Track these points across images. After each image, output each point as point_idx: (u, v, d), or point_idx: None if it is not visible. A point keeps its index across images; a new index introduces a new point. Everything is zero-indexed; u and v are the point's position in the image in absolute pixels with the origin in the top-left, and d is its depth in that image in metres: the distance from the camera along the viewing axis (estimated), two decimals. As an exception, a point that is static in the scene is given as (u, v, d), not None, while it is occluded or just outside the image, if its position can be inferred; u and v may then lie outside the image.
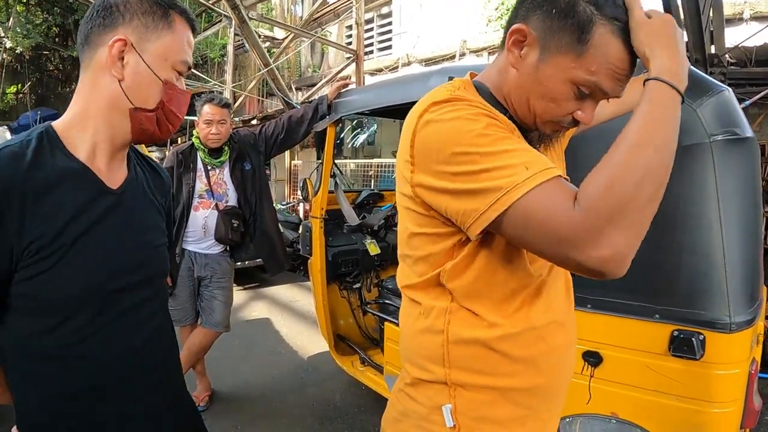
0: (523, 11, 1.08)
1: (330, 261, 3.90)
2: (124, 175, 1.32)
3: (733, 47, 4.54)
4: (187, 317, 3.74)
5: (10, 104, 19.02)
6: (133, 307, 1.29)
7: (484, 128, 0.97)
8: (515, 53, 1.09)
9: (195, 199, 3.55)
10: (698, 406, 1.83)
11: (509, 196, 0.91)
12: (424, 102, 1.07)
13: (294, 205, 10.54)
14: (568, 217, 0.88)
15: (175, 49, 1.24)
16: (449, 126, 0.99)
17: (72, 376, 1.22)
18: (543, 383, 1.17)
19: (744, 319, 1.79)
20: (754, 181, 1.96)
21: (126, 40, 1.18)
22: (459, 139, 0.97)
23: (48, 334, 1.18)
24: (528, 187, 0.90)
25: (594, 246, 0.87)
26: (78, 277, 1.17)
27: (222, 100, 3.56)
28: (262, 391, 4.22)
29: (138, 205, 1.34)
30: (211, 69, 16.72)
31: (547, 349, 1.16)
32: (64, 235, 1.14)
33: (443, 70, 2.99)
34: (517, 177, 0.91)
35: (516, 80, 1.10)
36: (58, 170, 1.16)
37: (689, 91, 0.92)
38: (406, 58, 11.06)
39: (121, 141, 1.27)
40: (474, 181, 0.95)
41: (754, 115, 5.65)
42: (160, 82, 1.22)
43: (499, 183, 0.92)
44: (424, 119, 1.03)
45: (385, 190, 4.79)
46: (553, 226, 0.90)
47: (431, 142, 1.02)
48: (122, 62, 1.19)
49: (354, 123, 12.28)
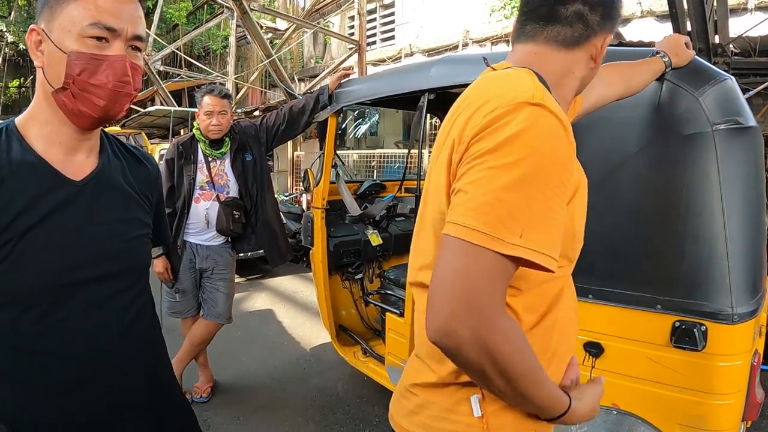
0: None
1: (332, 252, 3.89)
2: (93, 166, 1.30)
3: (737, 37, 4.50)
4: (189, 309, 3.74)
5: (13, 98, 19.10)
6: (104, 299, 1.28)
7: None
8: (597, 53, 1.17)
9: (196, 190, 3.54)
10: (700, 398, 1.82)
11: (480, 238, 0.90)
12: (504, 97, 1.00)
13: (297, 196, 10.54)
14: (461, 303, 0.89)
15: (78, 15, 1.14)
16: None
17: (44, 369, 1.22)
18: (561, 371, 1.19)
19: (746, 311, 1.78)
20: (757, 171, 1.94)
21: (36, 28, 1.18)
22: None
23: (11, 326, 1.18)
24: (498, 248, 0.89)
25: (444, 334, 0.91)
26: (30, 270, 1.16)
27: (222, 91, 3.55)
28: (264, 381, 4.23)
29: (107, 196, 1.31)
30: (214, 60, 16.72)
31: (566, 340, 1.19)
32: (12, 227, 1.14)
33: (445, 59, 2.97)
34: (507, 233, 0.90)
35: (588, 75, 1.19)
36: (13, 163, 1.16)
37: (692, 79, 0.92)
38: (409, 48, 11.04)
39: (70, 129, 1.23)
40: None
41: (758, 105, 5.63)
42: (65, 55, 1.14)
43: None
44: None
45: (387, 180, 4.77)
46: (449, 289, 0.90)
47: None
48: (41, 51, 1.18)
49: (356, 113, 12.26)
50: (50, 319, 1.20)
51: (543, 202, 0.92)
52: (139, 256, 1.41)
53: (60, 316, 1.21)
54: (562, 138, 0.96)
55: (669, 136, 1.85)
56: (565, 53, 1.14)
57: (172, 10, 15.52)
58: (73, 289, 1.23)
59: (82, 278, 1.24)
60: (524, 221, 0.90)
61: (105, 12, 1.15)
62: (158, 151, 8.14)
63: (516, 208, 0.90)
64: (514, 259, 0.90)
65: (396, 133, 12.02)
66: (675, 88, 1.82)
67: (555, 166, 0.94)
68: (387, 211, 4.20)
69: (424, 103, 2.85)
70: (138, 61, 1.25)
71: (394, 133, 12.06)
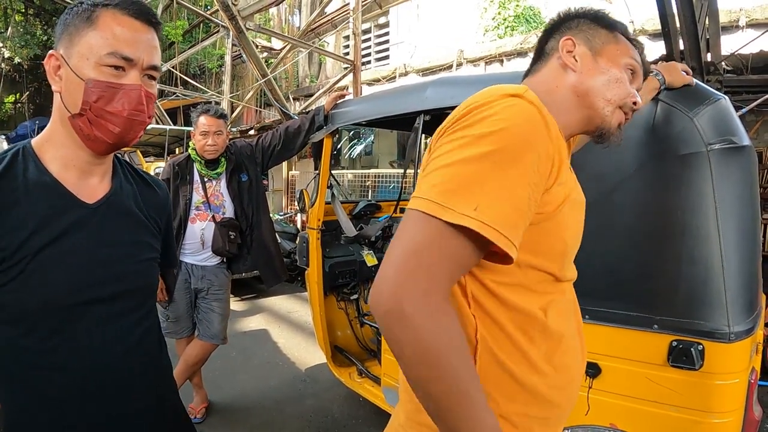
0: (557, 32, 1.25)
1: (327, 272, 3.89)
2: (106, 190, 1.32)
3: (729, 55, 4.54)
4: (184, 329, 3.72)
5: (9, 114, 19.10)
6: (110, 318, 1.29)
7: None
8: (570, 59, 1.20)
9: (192, 211, 3.54)
10: (698, 417, 1.81)
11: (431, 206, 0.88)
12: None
13: (292, 215, 10.53)
14: (407, 272, 0.85)
15: (97, 44, 1.17)
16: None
17: (49, 385, 1.23)
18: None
19: (743, 329, 1.78)
20: (752, 190, 1.95)
21: (54, 54, 1.21)
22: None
23: (18, 343, 1.19)
24: (448, 218, 0.86)
25: (383, 302, 0.86)
26: (40, 288, 1.18)
27: (218, 111, 3.56)
28: (259, 402, 4.19)
29: (118, 219, 1.34)
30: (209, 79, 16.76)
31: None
32: (26, 246, 1.16)
33: (440, 80, 2.99)
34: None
35: (577, 82, 1.18)
36: (28, 183, 1.19)
37: (686, 99, 0.94)
38: (404, 68, 11.09)
39: (85, 153, 1.26)
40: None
41: (751, 122, 5.67)
42: (83, 82, 1.18)
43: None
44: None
45: (382, 200, 4.78)
46: (398, 258, 0.87)
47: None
48: (59, 76, 1.21)
49: (351, 133, 12.29)
50: (58, 337, 1.22)
51: (507, 181, 0.89)
52: (147, 279, 1.43)
53: (68, 334, 1.23)
54: (538, 126, 0.95)
55: (664, 156, 1.86)
56: (537, 76, 1.25)
57: (169, 28, 15.59)
58: (82, 309, 1.24)
59: (90, 298, 1.25)
60: (481, 195, 0.87)
61: (122, 42, 1.19)
62: (153, 169, 8.12)
63: (474, 181, 0.88)
64: (468, 236, 0.87)
65: (391, 153, 12.04)
66: (669, 108, 1.84)
67: (526, 150, 0.91)
68: (383, 231, 4.20)
69: (419, 124, 2.86)
70: (153, 90, 1.28)
71: (389, 153, 12.08)
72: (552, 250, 1.06)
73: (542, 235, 1.02)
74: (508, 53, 9.42)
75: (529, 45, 8.99)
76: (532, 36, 9.12)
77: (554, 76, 1.20)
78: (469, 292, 1.04)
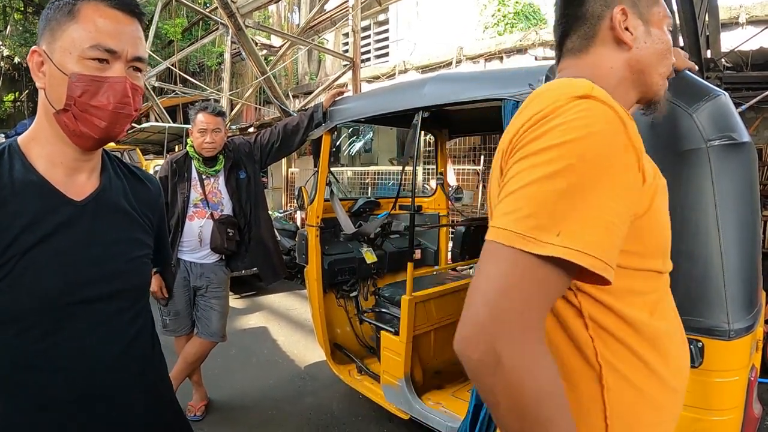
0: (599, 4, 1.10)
1: (326, 269, 3.88)
2: (94, 186, 1.30)
3: (729, 51, 4.54)
4: (183, 327, 3.71)
5: (8, 112, 19.11)
6: (104, 318, 1.28)
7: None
8: (627, 35, 1.08)
9: (190, 208, 3.53)
10: (697, 414, 1.80)
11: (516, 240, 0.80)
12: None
13: (291, 213, 10.53)
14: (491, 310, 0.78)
15: (79, 38, 1.15)
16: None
17: (44, 386, 1.21)
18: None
19: (743, 326, 1.77)
20: (752, 186, 1.94)
21: (37, 50, 1.19)
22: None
23: (12, 344, 1.17)
24: (530, 248, 0.79)
25: (474, 349, 0.79)
26: (30, 289, 1.16)
27: (216, 109, 3.55)
28: (258, 400, 4.19)
29: (108, 216, 1.31)
30: (208, 77, 16.76)
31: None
32: (14, 246, 1.14)
33: (438, 77, 2.98)
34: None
35: (633, 60, 1.09)
36: (15, 182, 1.17)
37: (686, 95, 0.92)
38: (403, 65, 11.09)
39: (71, 150, 1.24)
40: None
41: (750, 118, 5.67)
42: (66, 77, 1.15)
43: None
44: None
45: (381, 197, 4.77)
46: (481, 298, 0.80)
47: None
48: (42, 72, 1.19)
49: (351, 131, 12.29)
50: (51, 337, 1.20)
51: (592, 197, 0.81)
52: (139, 277, 1.40)
53: (61, 334, 1.21)
54: (616, 128, 0.87)
55: (663, 153, 1.85)
56: (587, 57, 1.11)
57: (168, 26, 15.58)
58: (74, 309, 1.22)
59: (82, 298, 1.23)
60: (563, 219, 0.79)
61: (105, 34, 1.16)
62: (153, 167, 8.12)
63: (553, 204, 0.80)
64: (556, 264, 0.79)
65: (390, 150, 12.05)
66: (669, 104, 1.83)
67: (609, 158, 0.84)
68: (381, 228, 4.19)
69: (418, 121, 2.85)
70: (138, 82, 1.25)
71: (388, 150, 12.08)
72: (655, 245, 1.01)
73: (642, 234, 0.96)
74: (508, 50, 9.43)
75: (528, 42, 8.98)
76: (532, 33, 9.11)
77: (608, 56, 1.09)
78: (585, 313, 0.96)
